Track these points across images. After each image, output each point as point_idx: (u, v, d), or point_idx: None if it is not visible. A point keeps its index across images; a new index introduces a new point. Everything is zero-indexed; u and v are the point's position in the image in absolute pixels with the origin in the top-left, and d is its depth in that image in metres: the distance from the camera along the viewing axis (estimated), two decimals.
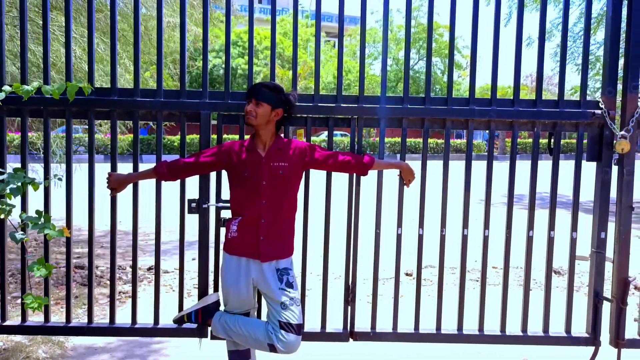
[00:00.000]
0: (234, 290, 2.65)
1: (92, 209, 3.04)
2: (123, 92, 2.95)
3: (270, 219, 2.64)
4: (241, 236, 2.64)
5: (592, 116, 2.96)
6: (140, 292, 5.19)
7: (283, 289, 2.63)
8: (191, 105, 2.92)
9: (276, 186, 2.63)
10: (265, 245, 2.63)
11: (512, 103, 3.01)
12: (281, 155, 2.66)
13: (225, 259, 2.71)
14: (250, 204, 2.63)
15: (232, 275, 2.66)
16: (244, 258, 2.65)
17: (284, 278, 2.66)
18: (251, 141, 2.68)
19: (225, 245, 2.71)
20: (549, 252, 3.08)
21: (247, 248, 2.64)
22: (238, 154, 2.66)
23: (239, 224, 2.65)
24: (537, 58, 3.01)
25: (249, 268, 2.65)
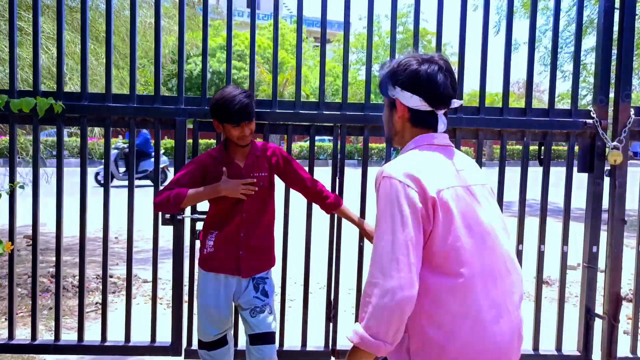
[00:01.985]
0: (214, 309, 2.47)
1: (60, 217, 2.88)
2: (94, 97, 2.80)
3: (250, 232, 2.47)
4: (219, 252, 2.46)
5: (583, 126, 2.85)
6: (119, 302, 5.02)
7: (257, 297, 2.49)
8: (166, 111, 2.77)
9: (257, 197, 2.45)
10: (246, 260, 2.46)
11: (500, 111, 2.90)
12: (260, 163, 2.48)
13: (201, 276, 2.53)
14: (230, 218, 2.45)
15: (211, 293, 2.48)
16: (222, 275, 2.48)
17: (259, 286, 2.51)
18: (224, 152, 2.47)
19: (200, 261, 2.52)
20: (539, 267, 2.97)
21: (226, 264, 2.46)
22: (213, 169, 2.42)
23: (216, 239, 2.47)
24: (527, 66, 2.91)
25: (228, 284, 2.49)
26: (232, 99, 2.31)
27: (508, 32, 2.90)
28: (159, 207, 2.38)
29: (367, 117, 2.84)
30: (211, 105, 2.39)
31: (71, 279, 5.60)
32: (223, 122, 2.36)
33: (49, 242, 7.11)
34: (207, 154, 2.49)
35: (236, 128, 2.35)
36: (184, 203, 2.33)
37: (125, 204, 2.86)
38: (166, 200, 2.33)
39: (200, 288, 2.52)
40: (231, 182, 2.35)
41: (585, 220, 2.95)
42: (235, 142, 2.40)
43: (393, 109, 1.65)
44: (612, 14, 2.85)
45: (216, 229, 2.48)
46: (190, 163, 2.47)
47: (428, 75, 1.56)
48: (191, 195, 2.34)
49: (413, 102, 1.58)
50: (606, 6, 2.83)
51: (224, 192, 2.34)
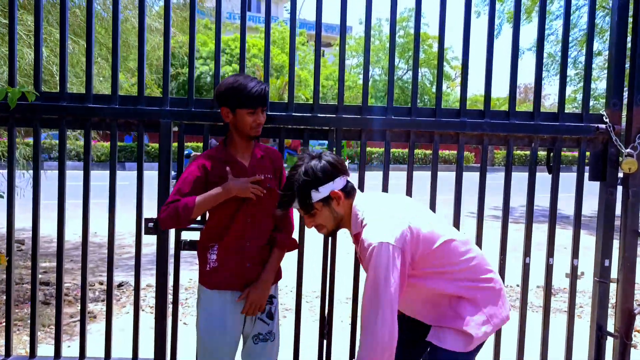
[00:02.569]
0: (220, 332, 2.18)
1: (37, 219, 2.70)
2: (74, 97, 2.63)
3: (257, 241, 2.22)
4: (224, 266, 2.20)
5: (595, 131, 2.68)
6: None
7: (262, 319, 2.25)
8: (150, 113, 2.60)
9: (261, 201, 2.19)
10: (253, 272, 2.22)
11: (507, 115, 2.72)
12: (264, 164, 2.26)
13: (205, 295, 2.23)
14: (233, 225, 2.18)
15: (218, 314, 2.19)
16: (229, 291, 2.21)
17: (266, 307, 2.26)
18: (225, 150, 2.23)
19: (202, 279, 2.25)
20: (548, 280, 2.79)
21: (233, 279, 2.20)
22: (215, 170, 2.18)
23: (219, 251, 2.20)
24: (535, 68, 2.73)
25: (236, 305, 2.21)
26: (250, 82, 2.13)
27: (515, 34, 2.73)
28: (166, 223, 2.11)
29: (364, 120, 2.66)
30: (222, 91, 2.15)
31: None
32: (237, 108, 2.13)
33: (40, 247, 6.93)
34: (205, 155, 2.23)
35: (252, 114, 2.14)
36: (194, 213, 2.09)
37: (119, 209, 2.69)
38: (174, 214, 2.08)
39: (204, 310, 2.22)
40: (240, 180, 2.12)
41: (597, 232, 2.77)
42: (247, 131, 2.17)
43: (331, 203, 1.97)
44: (626, 15, 2.68)
45: (218, 239, 2.21)
46: (189, 167, 2.21)
47: (329, 163, 1.95)
48: (200, 203, 2.09)
49: (340, 184, 1.98)
50: (620, 6, 2.66)
51: (235, 192, 2.10)
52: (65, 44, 2.59)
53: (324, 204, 1.96)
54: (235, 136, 2.22)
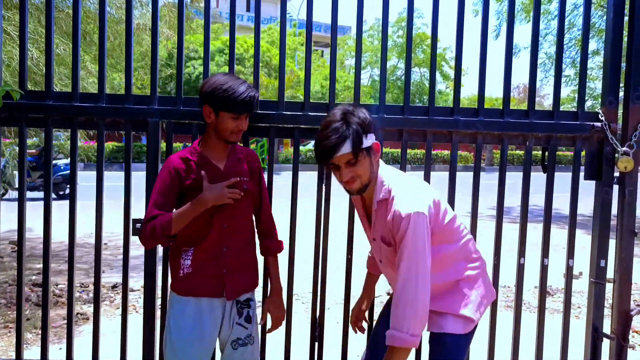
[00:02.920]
0: (196, 340, 2.10)
1: (22, 221, 2.66)
2: (60, 96, 2.58)
3: (234, 246, 2.15)
4: (199, 272, 2.11)
5: (591, 129, 2.63)
6: (101, 312, 4.80)
7: (240, 323, 2.18)
8: (138, 112, 2.55)
9: (239, 204, 2.12)
10: (231, 278, 2.13)
11: (501, 114, 2.68)
12: (240, 167, 2.18)
13: (178, 302, 2.14)
14: (209, 230, 2.10)
15: (191, 323, 2.10)
16: (205, 298, 2.12)
17: (244, 311, 2.20)
18: (199, 152, 2.13)
19: (175, 285, 2.15)
20: (543, 282, 2.74)
21: (209, 286, 2.11)
22: (187, 173, 2.09)
23: (194, 257, 2.11)
24: (530, 66, 2.69)
25: (213, 309, 2.13)
26: (240, 86, 2.02)
27: (509, 31, 2.68)
28: (148, 244, 2.08)
29: None
30: (209, 90, 2.03)
31: (53, 287, 5.38)
32: (221, 110, 2.03)
33: (35, 247, 6.90)
34: (177, 157, 2.12)
35: (235, 119, 2.06)
36: (172, 231, 2.03)
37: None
38: (153, 235, 2.02)
39: (177, 318, 2.12)
40: (215, 187, 2.02)
41: (593, 232, 2.72)
42: (226, 136, 2.08)
43: (372, 155, 1.94)
44: (622, 12, 2.63)
45: (193, 244, 2.11)
46: (161, 174, 2.10)
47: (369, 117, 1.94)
48: (177, 219, 2.02)
49: (377, 137, 1.97)
50: (616, 2, 2.62)
51: (212, 203, 2.02)
52: (51, 42, 2.54)
53: (367, 154, 1.90)
54: (212, 138, 2.13)
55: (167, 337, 2.15)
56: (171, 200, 2.07)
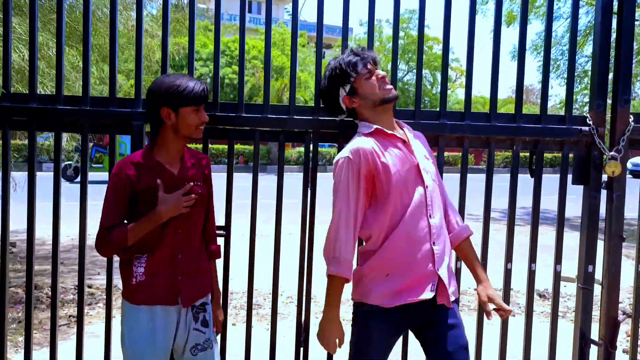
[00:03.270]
0: (150, 349, 2.04)
1: (6, 223, 2.64)
2: (44, 99, 2.57)
3: (188, 251, 2.12)
4: (153, 279, 2.06)
5: (578, 133, 2.61)
6: (94, 315, 4.80)
7: (197, 329, 2.16)
8: (122, 114, 2.54)
9: (192, 210, 2.09)
10: (186, 285, 2.10)
11: (488, 117, 2.66)
12: (194, 170, 2.16)
13: (130, 312, 2.08)
14: (162, 236, 2.05)
15: (146, 333, 2.05)
16: (159, 306, 2.07)
17: (200, 316, 2.17)
18: (151, 156, 2.09)
19: (128, 293, 2.08)
20: (530, 286, 2.72)
21: (163, 293, 2.07)
22: (138, 178, 2.03)
23: (148, 264, 2.05)
24: (517, 70, 2.66)
25: (168, 317, 2.09)
26: (189, 80, 2.03)
27: (496, 36, 2.66)
28: (105, 254, 2.07)
29: (343, 122, 2.59)
30: (163, 90, 2.01)
31: (48, 290, 5.37)
32: (180, 106, 2.01)
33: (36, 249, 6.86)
34: (127, 162, 2.06)
35: (197, 112, 2.05)
36: (129, 243, 2.01)
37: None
38: (106, 246, 2.01)
39: (130, 328, 2.07)
40: (170, 199, 2.00)
41: (581, 237, 2.70)
42: (191, 132, 2.07)
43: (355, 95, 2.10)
44: (610, 14, 2.61)
45: (145, 251, 2.06)
46: (112, 181, 2.05)
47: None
48: (132, 233, 2.00)
49: None
50: (604, 5, 2.60)
51: (168, 216, 2.00)
52: (35, 43, 2.53)
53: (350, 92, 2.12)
54: (171, 140, 2.09)
55: (122, 346, 2.11)
56: (124, 207, 2.05)
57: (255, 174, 2.64)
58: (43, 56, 4.66)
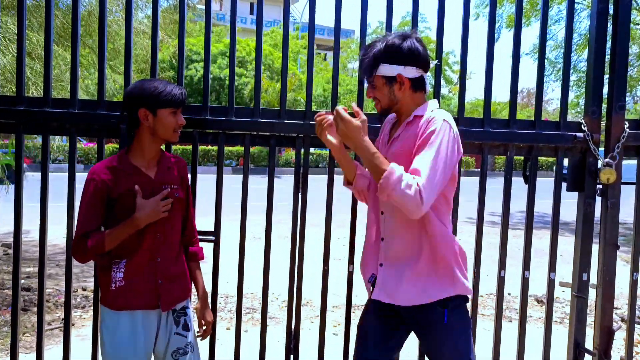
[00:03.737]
0: (131, 355, 2.03)
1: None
2: (32, 101, 2.54)
3: (167, 255, 2.10)
4: (132, 284, 2.04)
5: (573, 140, 2.57)
6: (87, 317, 4.76)
7: (179, 333, 2.14)
8: (110, 118, 2.50)
9: (170, 213, 2.08)
10: (166, 289, 2.08)
11: (482, 123, 2.62)
12: (171, 175, 2.14)
13: (110, 317, 2.05)
14: (141, 240, 2.04)
15: (126, 338, 2.03)
16: (139, 311, 2.06)
17: (180, 320, 2.15)
18: (126, 160, 2.07)
19: (107, 299, 2.05)
20: (524, 294, 2.68)
21: (143, 298, 2.05)
22: (115, 183, 2.01)
23: (127, 269, 2.03)
24: (511, 77, 2.63)
25: (148, 321, 2.07)
26: (167, 84, 2.03)
27: (490, 41, 2.63)
28: (82, 260, 2.02)
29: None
30: (141, 94, 2.00)
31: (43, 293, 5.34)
32: (158, 107, 2.00)
33: (27, 251, 6.86)
34: (103, 166, 2.04)
35: (174, 115, 2.04)
36: (106, 249, 1.99)
37: None
38: (83, 252, 1.98)
39: (110, 334, 2.04)
40: (147, 205, 1.98)
41: (575, 245, 2.66)
42: (168, 135, 2.06)
43: (393, 83, 1.94)
44: (606, 18, 2.58)
45: (124, 256, 2.04)
46: (87, 187, 2.01)
47: (415, 48, 1.91)
48: (109, 239, 1.98)
49: (411, 73, 1.92)
50: (599, 10, 2.56)
51: (146, 222, 1.99)
52: (23, 44, 2.50)
53: (386, 82, 1.94)
54: (148, 143, 2.07)
55: (103, 354, 2.09)
56: (101, 212, 2.03)
57: (246, 177, 2.61)
58: (38, 56, 4.64)
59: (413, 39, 1.92)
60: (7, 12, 4.97)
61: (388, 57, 1.90)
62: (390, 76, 1.92)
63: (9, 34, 4.46)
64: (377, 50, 1.91)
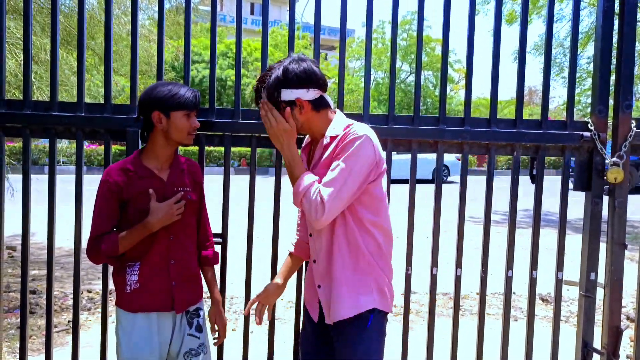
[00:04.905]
0: (146, 357, 2.05)
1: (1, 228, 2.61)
2: (38, 105, 2.54)
3: (180, 257, 2.12)
4: (147, 286, 2.06)
5: (580, 139, 2.57)
6: (94, 320, 4.77)
7: (192, 334, 2.16)
8: (117, 121, 2.51)
9: (183, 215, 2.10)
10: (180, 290, 2.11)
11: (488, 123, 2.62)
12: (183, 178, 2.15)
13: (126, 319, 2.08)
14: (155, 243, 2.06)
15: (142, 339, 2.05)
16: (154, 313, 2.08)
17: (194, 321, 2.17)
18: (139, 162, 2.08)
19: (122, 301, 2.08)
20: (531, 294, 2.68)
21: (158, 300, 2.08)
22: (128, 185, 2.03)
23: (141, 271, 2.06)
24: (517, 75, 2.62)
25: (163, 323, 2.10)
26: (181, 87, 2.05)
27: (496, 37, 2.62)
28: (97, 261, 2.04)
29: None
30: (155, 96, 2.01)
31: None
32: (172, 110, 2.01)
33: (32, 254, 6.83)
34: (117, 169, 2.05)
35: (188, 117, 2.06)
36: (120, 252, 2.02)
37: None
38: (96, 254, 2.01)
39: (127, 335, 2.07)
40: (161, 209, 2.00)
41: (582, 244, 2.66)
42: (182, 138, 2.07)
43: (294, 107, 1.93)
44: (612, 17, 2.57)
45: (138, 259, 2.06)
46: (101, 189, 2.03)
47: (312, 70, 1.93)
48: (123, 242, 2.00)
49: (311, 95, 1.93)
50: (605, 8, 2.56)
51: (159, 226, 2.01)
52: (29, 49, 2.51)
53: (289, 106, 1.94)
54: (161, 145, 2.09)
55: (118, 354, 2.11)
56: (114, 214, 2.05)
57: (252, 179, 2.61)
58: (42, 60, 4.65)
59: (309, 62, 1.95)
60: (9, 16, 4.98)
61: (287, 83, 1.91)
62: (290, 100, 1.93)
63: (13, 39, 4.47)
64: (275, 76, 1.92)
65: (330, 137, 1.95)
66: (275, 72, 1.92)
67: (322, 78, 1.96)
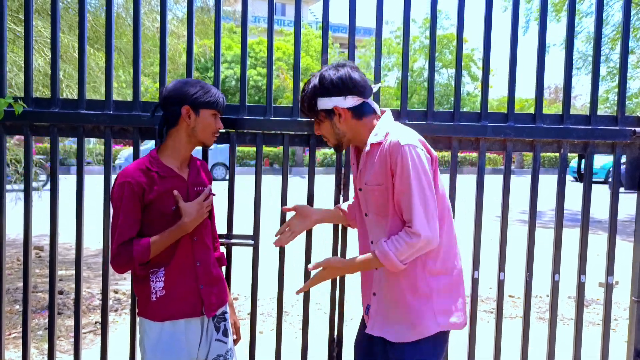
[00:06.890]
0: None
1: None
2: (66, 103, 2.48)
3: (204, 259, 2.03)
4: (174, 293, 1.96)
5: (632, 135, 2.41)
6: (120, 322, 4.74)
7: (219, 339, 2.07)
8: (145, 119, 2.43)
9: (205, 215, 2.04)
10: (208, 293, 2.02)
11: (533, 118, 2.48)
12: (201, 178, 2.08)
13: (152, 330, 1.96)
14: (179, 245, 1.96)
15: (171, 349, 1.95)
16: (182, 320, 1.98)
17: (220, 326, 2.09)
18: (159, 161, 1.96)
19: (147, 310, 1.97)
20: (579, 300, 2.54)
21: (187, 305, 1.98)
22: (150, 186, 1.91)
23: (167, 277, 1.95)
24: (565, 65, 2.48)
25: (191, 330, 2.00)
26: (211, 85, 2.02)
27: (542, 30, 2.48)
28: (122, 270, 1.90)
29: None
30: (186, 91, 1.94)
31: (72, 295, 5.34)
32: (202, 107, 1.95)
33: (59, 253, 6.85)
34: (137, 169, 1.92)
35: (215, 118, 2.01)
36: (151, 257, 1.91)
37: None
38: (127, 260, 1.87)
39: (153, 346, 1.95)
40: (194, 208, 1.92)
41: (635, 245, 2.50)
42: (206, 138, 2.01)
43: (332, 116, 1.89)
44: None
45: (162, 264, 1.95)
46: (123, 191, 1.89)
47: (349, 77, 1.86)
48: (155, 247, 1.89)
49: (350, 102, 1.87)
50: None
51: (193, 226, 1.94)
52: (57, 47, 2.45)
53: (326, 116, 1.91)
54: (184, 143, 1.99)
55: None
56: (139, 217, 1.93)
57: (285, 178, 2.51)
58: (69, 59, 4.63)
59: (347, 68, 1.89)
60: (37, 15, 4.98)
61: (324, 91, 1.87)
62: (329, 109, 1.88)
63: (41, 38, 4.45)
64: (312, 85, 1.89)
65: (370, 144, 1.88)
66: (313, 81, 1.89)
67: (361, 84, 1.89)
